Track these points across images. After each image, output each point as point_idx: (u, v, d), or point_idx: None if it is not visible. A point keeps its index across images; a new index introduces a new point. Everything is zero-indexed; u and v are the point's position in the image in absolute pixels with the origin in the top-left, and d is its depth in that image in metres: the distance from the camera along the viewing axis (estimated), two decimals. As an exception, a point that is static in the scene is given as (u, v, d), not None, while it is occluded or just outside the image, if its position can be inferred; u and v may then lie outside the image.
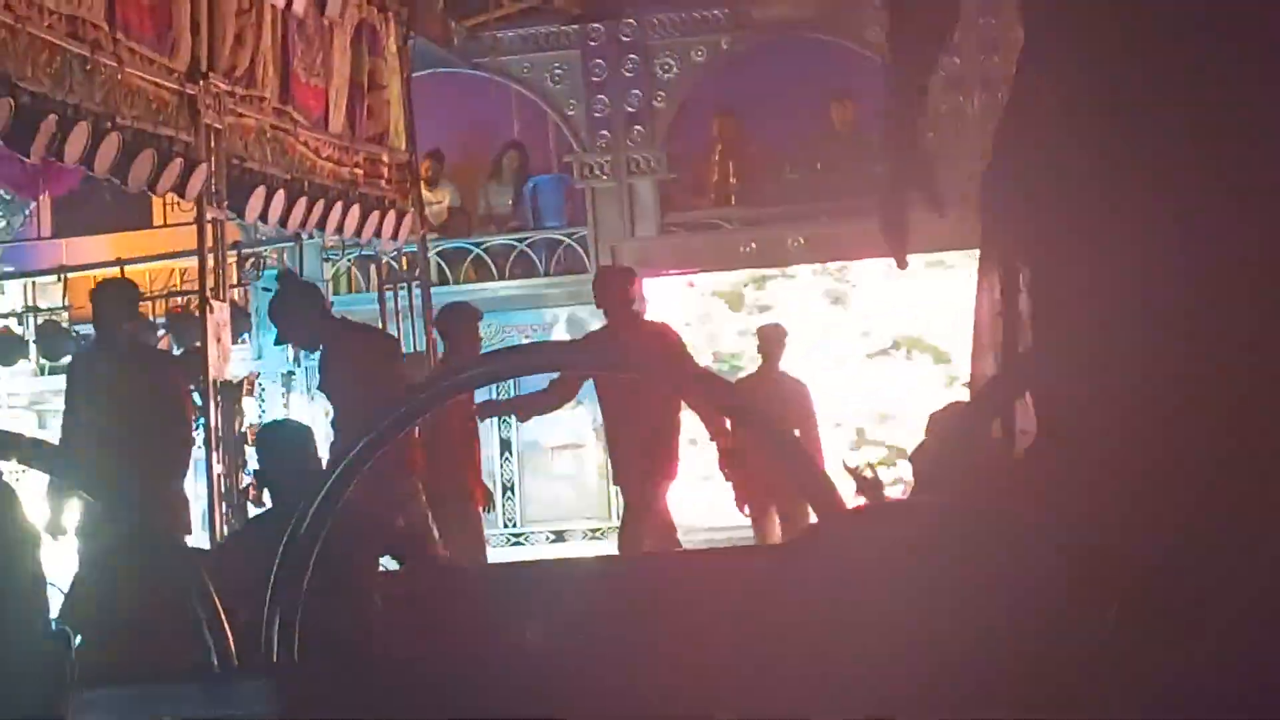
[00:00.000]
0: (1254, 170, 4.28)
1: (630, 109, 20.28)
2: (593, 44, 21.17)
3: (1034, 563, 2.96)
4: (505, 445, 20.25)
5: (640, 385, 12.30)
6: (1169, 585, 3.03)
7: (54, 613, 5.48)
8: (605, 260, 20.43)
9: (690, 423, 13.76)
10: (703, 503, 16.93)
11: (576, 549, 20.16)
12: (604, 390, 13.56)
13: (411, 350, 17.67)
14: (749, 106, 19.71)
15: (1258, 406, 4.14)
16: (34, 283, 20.36)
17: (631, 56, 20.55)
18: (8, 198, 20.35)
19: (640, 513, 13.53)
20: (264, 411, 19.10)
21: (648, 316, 15.20)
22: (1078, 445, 5.65)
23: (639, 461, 13.43)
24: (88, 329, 17.78)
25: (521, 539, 20.64)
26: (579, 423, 19.05)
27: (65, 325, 19.93)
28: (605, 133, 20.62)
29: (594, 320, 15.74)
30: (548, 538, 20.73)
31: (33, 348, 20.07)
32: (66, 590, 9.00)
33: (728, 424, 13.88)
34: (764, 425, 5.51)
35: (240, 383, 14.94)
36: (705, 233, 20.58)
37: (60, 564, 9.68)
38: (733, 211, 20.26)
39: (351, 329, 13.33)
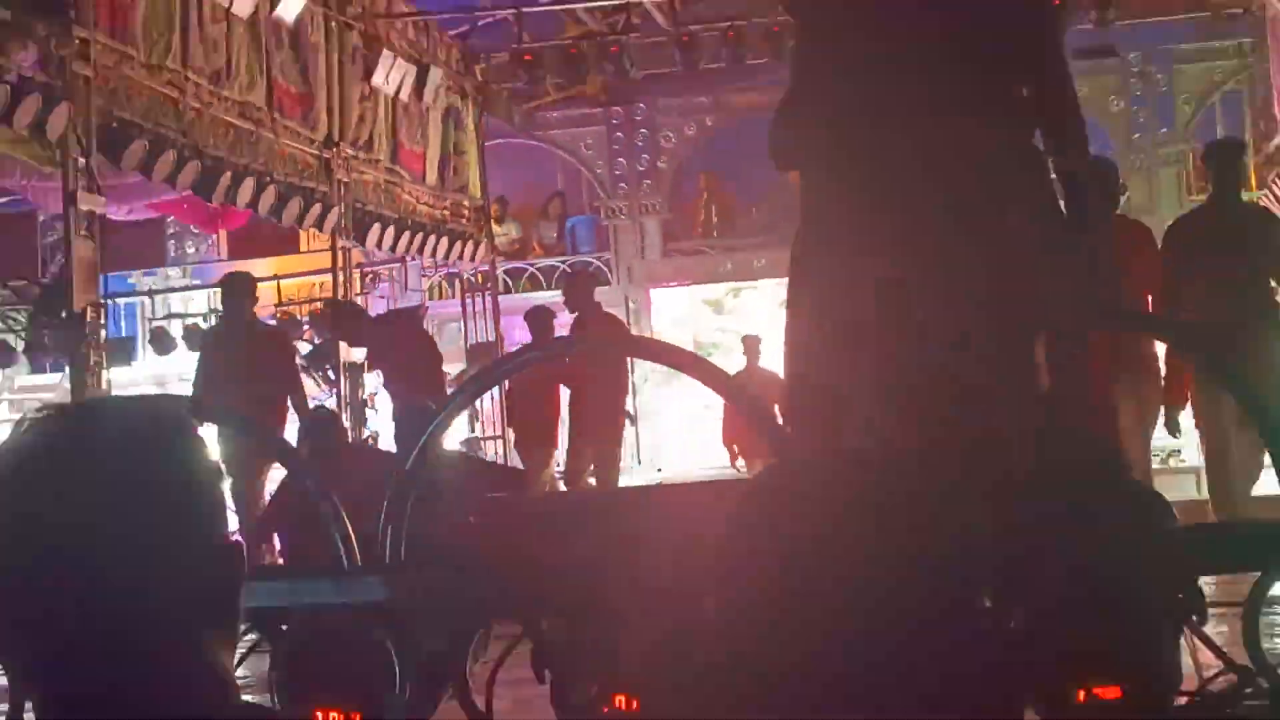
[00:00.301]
0: (969, 194, 4.78)
1: (641, 168, 20.47)
2: (614, 122, 21.11)
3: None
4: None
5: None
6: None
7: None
8: (624, 277, 20.71)
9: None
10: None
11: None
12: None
13: (483, 340, 17.94)
14: (727, 166, 19.96)
15: (968, 383, 4.58)
16: (215, 292, 19.49)
17: (642, 130, 20.66)
18: (196, 231, 20.13)
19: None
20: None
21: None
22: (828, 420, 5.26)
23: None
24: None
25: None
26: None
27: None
28: (623, 185, 20.68)
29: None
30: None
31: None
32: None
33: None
34: (745, 397, 5.37)
35: (361, 364, 14.98)
36: (695, 256, 20.87)
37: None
38: (715, 240, 20.58)
39: (389, 323, 13.00)
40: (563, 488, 14.17)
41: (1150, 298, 8.36)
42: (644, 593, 3.11)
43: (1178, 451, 12.27)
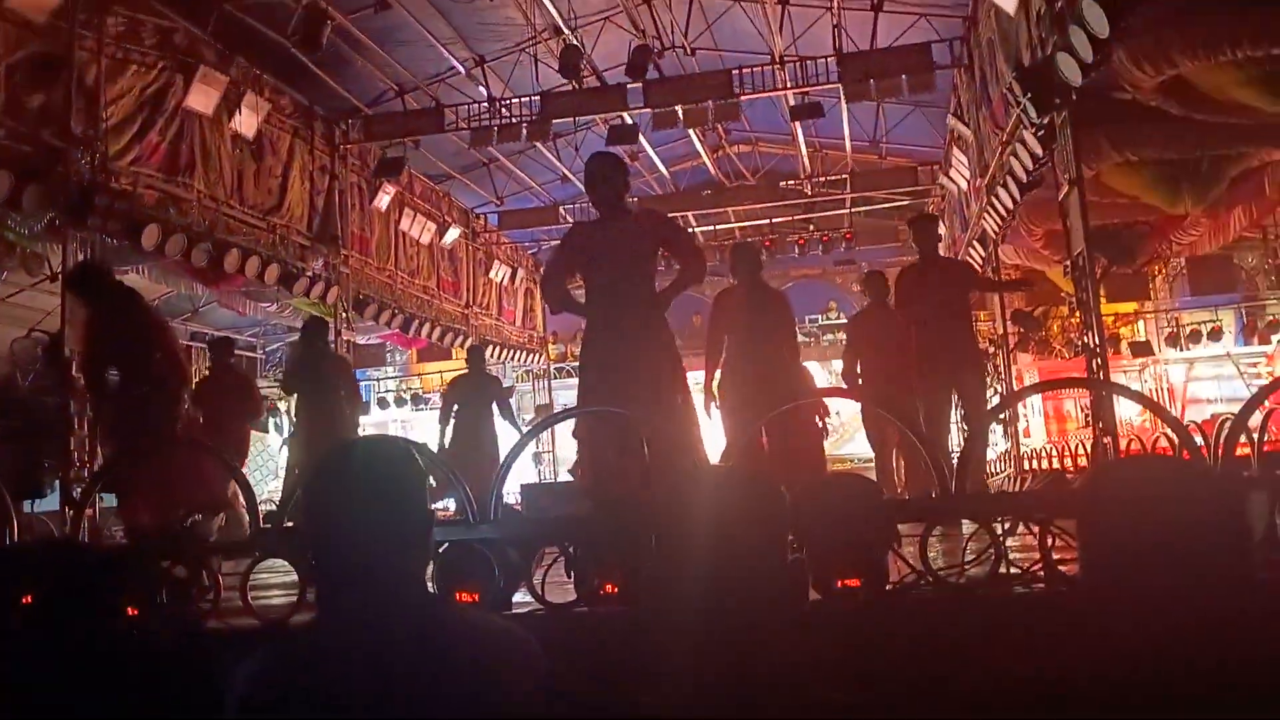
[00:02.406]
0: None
1: None
2: None
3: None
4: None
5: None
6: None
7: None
8: None
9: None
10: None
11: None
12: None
13: (543, 402, 17.62)
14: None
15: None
16: (412, 379, 18.83)
17: None
18: (400, 348, 18.15)
19: None
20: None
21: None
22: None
23: None
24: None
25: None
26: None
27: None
28: None
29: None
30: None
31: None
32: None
33: None
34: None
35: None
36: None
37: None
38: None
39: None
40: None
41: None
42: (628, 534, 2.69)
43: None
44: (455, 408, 9.24)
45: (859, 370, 7.55)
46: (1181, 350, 16.00)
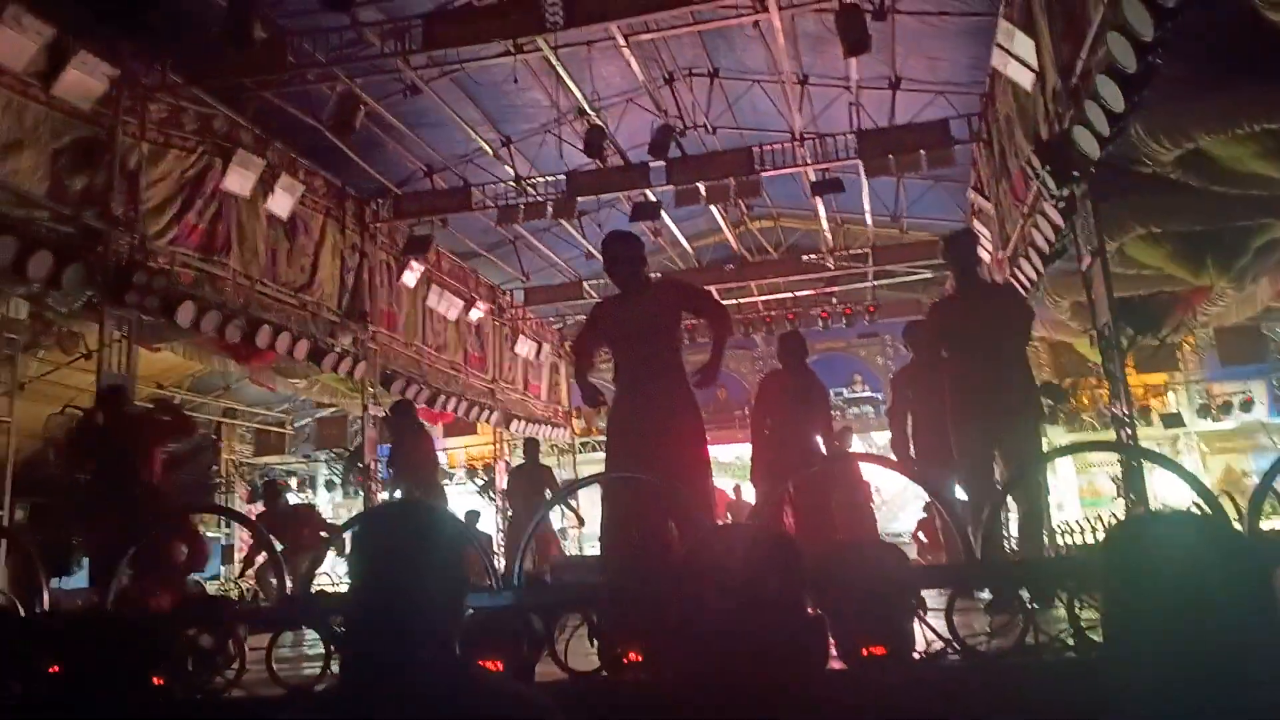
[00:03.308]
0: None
1: None
2: None
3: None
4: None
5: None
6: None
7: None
8: None
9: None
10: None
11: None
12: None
13: (569, 476, 16.77)
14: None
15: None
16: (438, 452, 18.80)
17: None
18: (426, 422, 16.94)
19: None
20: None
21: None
22: None
23: None
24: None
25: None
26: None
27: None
28: None
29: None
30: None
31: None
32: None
33: None
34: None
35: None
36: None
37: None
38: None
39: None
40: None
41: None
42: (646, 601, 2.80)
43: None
44: (513, 496, 10.24)
45: (910, 431, 6.60)
46: (1213, 422, 15.80)
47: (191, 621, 3.15)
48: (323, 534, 9.77)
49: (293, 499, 14.09)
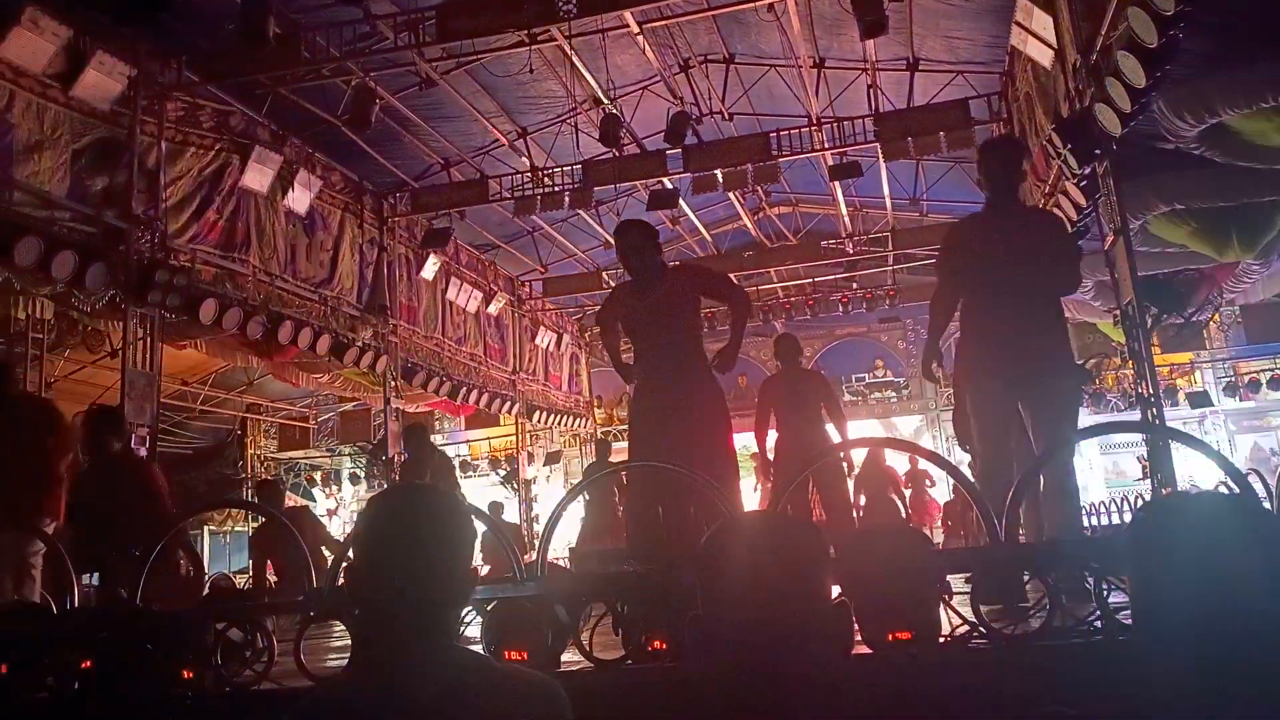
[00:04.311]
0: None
1: None
2: None
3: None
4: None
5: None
6: None
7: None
8: None
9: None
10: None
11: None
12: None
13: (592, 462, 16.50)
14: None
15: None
16: (461, 445, 18.67)
17: None
18: (448, 415, 17.55)
19: None
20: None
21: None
22: None
23: None
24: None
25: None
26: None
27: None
28: None
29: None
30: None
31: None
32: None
33: None
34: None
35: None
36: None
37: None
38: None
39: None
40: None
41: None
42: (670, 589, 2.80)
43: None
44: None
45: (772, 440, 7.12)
46: (1240, 401, 15.64)
47: (220, 615, 3.15)
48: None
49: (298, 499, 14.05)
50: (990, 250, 4.15)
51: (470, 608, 2.94)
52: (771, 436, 7.11)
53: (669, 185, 12.12)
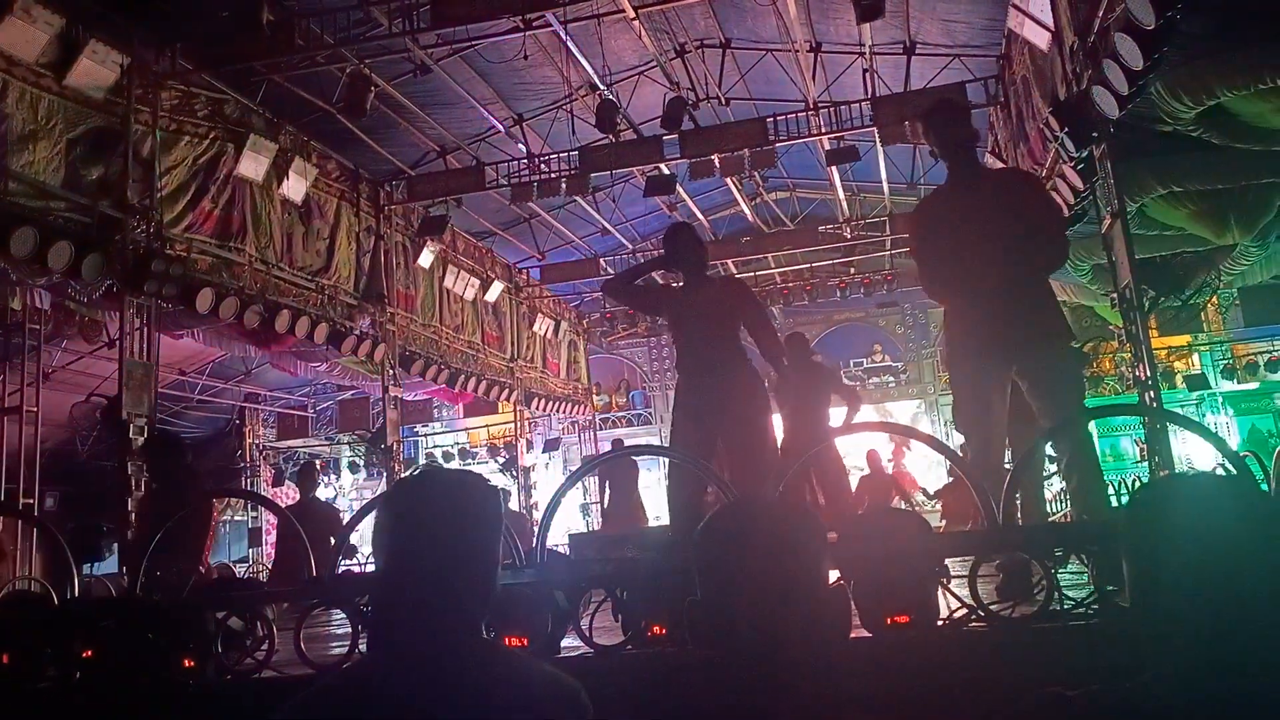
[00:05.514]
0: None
1: (666, 368, 15.66)
2: (652, 343, 18.87)
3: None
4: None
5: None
6: None
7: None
8: (659, 424, 17.51)
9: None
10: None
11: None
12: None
13: (591, 451, 17.41)
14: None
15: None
16: (461, 434, 18.83)
17: (666, 345, 17.15)
18: (447, 404, 17.83)
19: None
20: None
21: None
22: None
23: None
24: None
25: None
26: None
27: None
28: (656, 376, 17.54)
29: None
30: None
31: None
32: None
33: None
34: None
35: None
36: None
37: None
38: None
39: None
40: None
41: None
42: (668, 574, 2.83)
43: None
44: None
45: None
46: (1239, 383, 15.65)
47: (220, 604, 3.15)
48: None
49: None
50: (963, 230, 3.80)
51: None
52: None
53: (666, 171, 12.09)
